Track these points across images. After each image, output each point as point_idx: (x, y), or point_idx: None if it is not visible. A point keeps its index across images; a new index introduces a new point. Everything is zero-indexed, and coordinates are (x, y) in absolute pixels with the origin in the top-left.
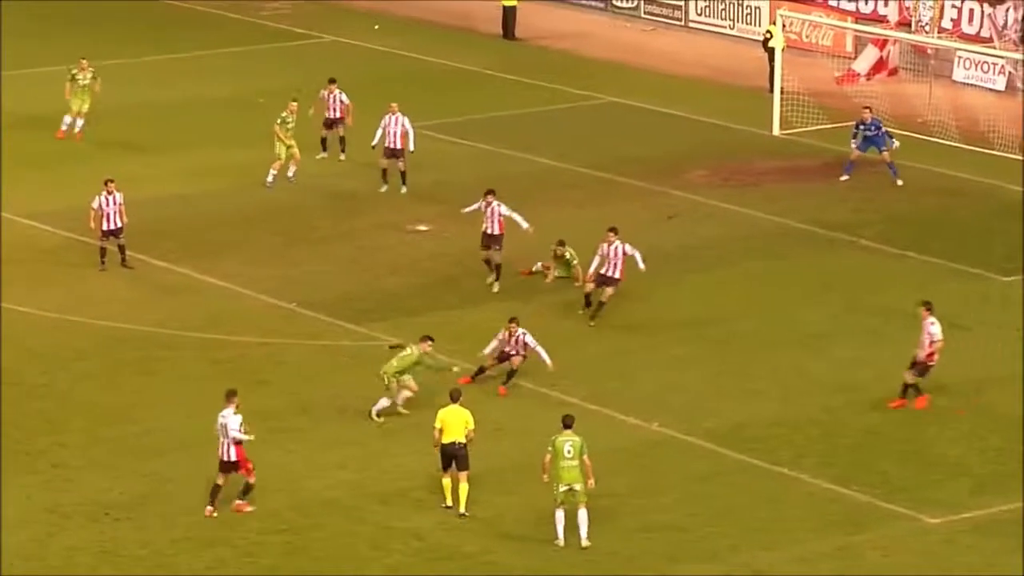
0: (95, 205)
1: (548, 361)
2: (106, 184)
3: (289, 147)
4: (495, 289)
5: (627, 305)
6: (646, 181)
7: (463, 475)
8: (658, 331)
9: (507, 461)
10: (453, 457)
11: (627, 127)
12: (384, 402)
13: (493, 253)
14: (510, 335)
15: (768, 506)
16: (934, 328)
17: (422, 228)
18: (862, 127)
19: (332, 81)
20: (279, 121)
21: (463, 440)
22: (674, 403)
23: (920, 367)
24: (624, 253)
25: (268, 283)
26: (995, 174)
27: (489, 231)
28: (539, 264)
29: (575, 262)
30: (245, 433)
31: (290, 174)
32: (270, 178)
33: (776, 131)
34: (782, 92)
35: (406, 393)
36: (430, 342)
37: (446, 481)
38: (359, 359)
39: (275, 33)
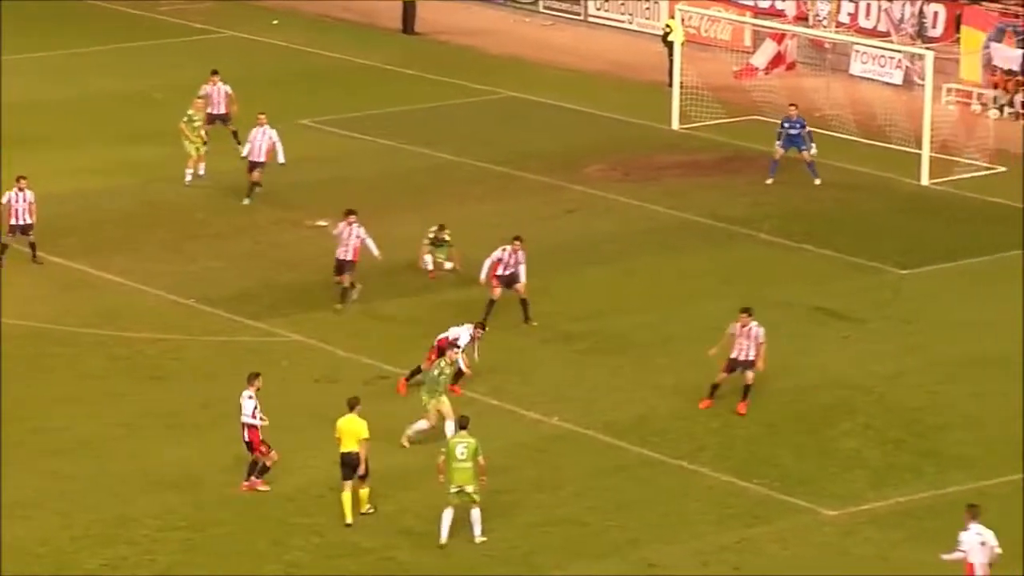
0: (4, 200)
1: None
2: (18, 180)
3: (197, 145)
4: (355, 295)
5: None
6: (546, 176)
7: (361, 483)
8: (558, 325)
9: (409, 458)
10: (349, 466)
11: (527, 122)
12: (422, 424)
13: (345, 278)
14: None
15: (668, 500)
16: (758, 331)
17: (321, 224)
18: (786, 124)
19: (215, 73)
20: (185, 119)
21: (356, 450)
22: (574, 397)
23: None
24: (520, 262)
25: (166, 279)
26: (892, 168)
27: (343, 257)
28: (427, 260)
29: (451, 247)
30: (258, 418)
31: (201, 172)
32: (188, 177)
33: (675, 125)
34: (681, 86)
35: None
36: (457, 350)
37: (346, 496)
38: (258, 354)
39: (173, 28)
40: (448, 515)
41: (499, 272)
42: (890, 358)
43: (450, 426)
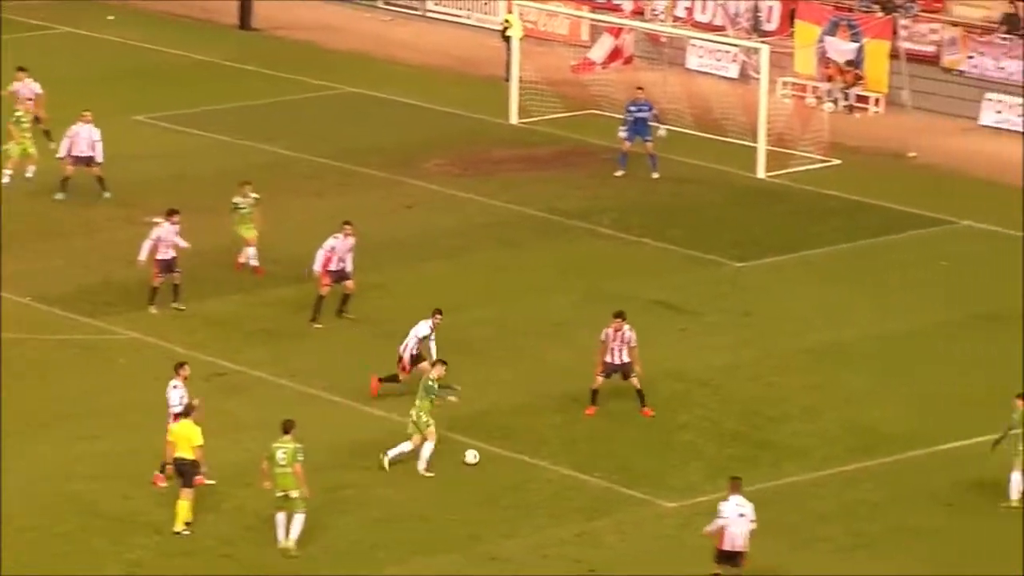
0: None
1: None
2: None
3: (24, 147)
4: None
5: (367, 295)
6: (385, 171)
7: (186, 492)
8: (398, 320)
9: (247, 454)
10: (179, 474)
11: (366, 117)
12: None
13: (175, 276)
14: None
15: (509, 494)
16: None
17: (158, 220)
18: (633, 108)
19: (21, 69)
20: (13, 120)
21: (191, 456)
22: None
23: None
24: (350, 249)
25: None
26: (728, 161)
27: (163, 256)
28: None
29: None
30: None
31: (29, 174)
32: (6, 179)
33: (514, 120)
34: (519, 81)
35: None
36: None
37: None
38: (96, 352)
39: (10, 25)
40: (281, 519)
41: (332, 266)
42: (727, 350)
43: (428, 448)
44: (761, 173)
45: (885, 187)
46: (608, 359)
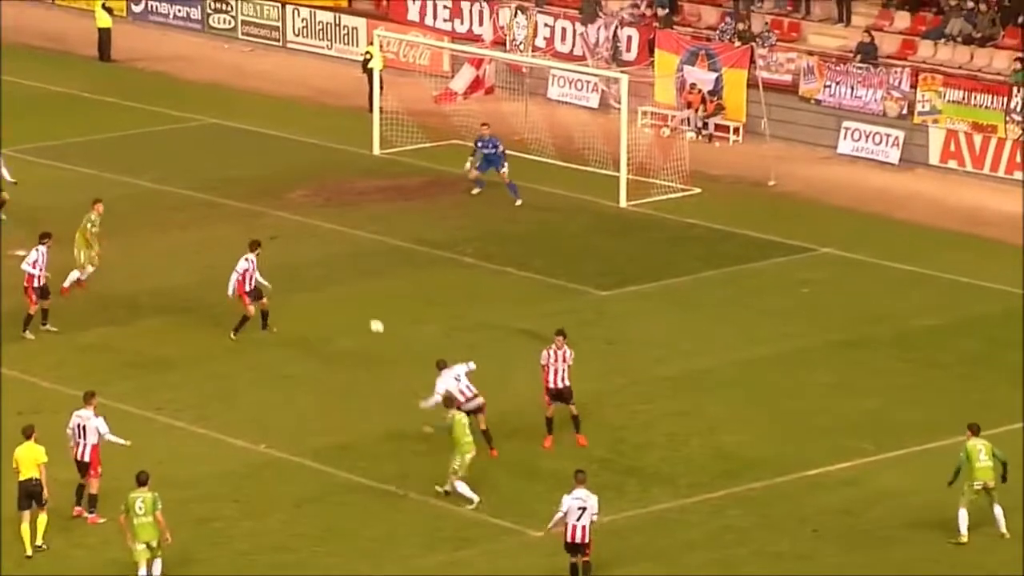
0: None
1: None
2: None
3: None
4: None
5: (231, 325)
6: (248, 202)
7: (40, 510)
8: (263, 351)
9: (113, 485)
10: (31, 495)
11: (228, 148)
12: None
13: (47, 301)
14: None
15: (376, 524)
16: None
17: (22, 254)
18: (480, 144)
19: None
20: None
21: (38, 476)
22: (281, 424)
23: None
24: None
25: None
26: (590, 190)
27: (40, 283)
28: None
29: (94, 229)
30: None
31: None
32: None
33: (376, 150)
34: (381, 112)
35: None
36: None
37: (25, 528)
38: None
39: None
40: (143, 569)
41: (247, 288)
42: (593, 378)
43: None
44: (623, 202)
45: (746, 215)
46: (552, 384)
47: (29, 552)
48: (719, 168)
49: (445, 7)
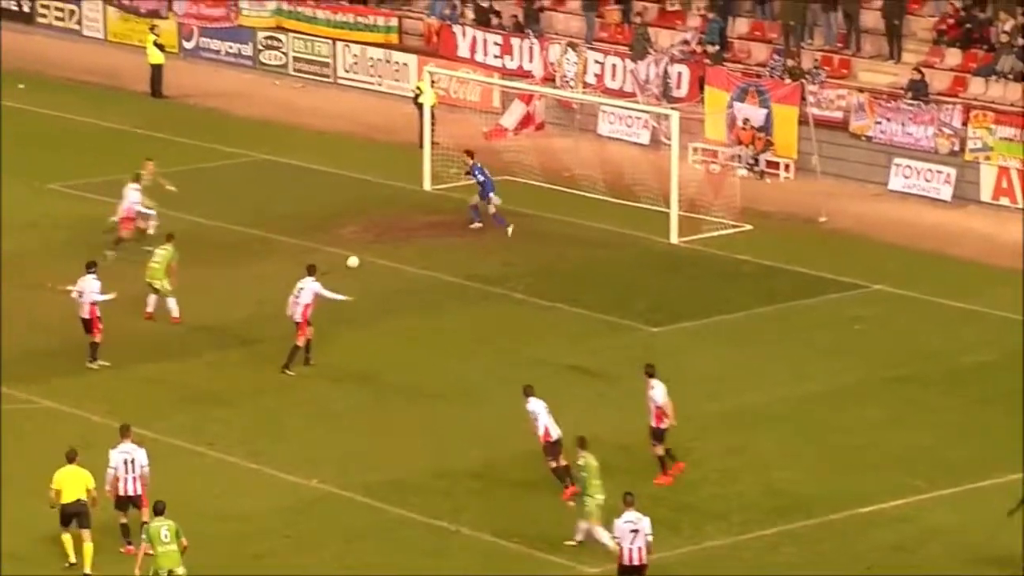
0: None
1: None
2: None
3: None
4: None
5: (281, 360)
6: (299, 238)
7: (86, 533)
8: (313, 386)
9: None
10: (75, 516)
11: (279, 184)
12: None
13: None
14: None
15: (427, 560)
16: (653, 392)
17: (70, 288)
18: (476, 172)
19: None
20: None
21: (85, 498)
22: (332, 459)
23: (653, 433)
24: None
25: None
26: (641, 226)
27: (84, 315)
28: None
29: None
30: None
31: None
32: None
33: (427, 186)
34: (432, 147)
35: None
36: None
37: (66, 537)
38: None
39: None
40: None
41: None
42: (644, 415)
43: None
44: (674, 238)
45: (797, 252)
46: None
47: (71, 560)
48: (770, 204)
49: (496, 43)
